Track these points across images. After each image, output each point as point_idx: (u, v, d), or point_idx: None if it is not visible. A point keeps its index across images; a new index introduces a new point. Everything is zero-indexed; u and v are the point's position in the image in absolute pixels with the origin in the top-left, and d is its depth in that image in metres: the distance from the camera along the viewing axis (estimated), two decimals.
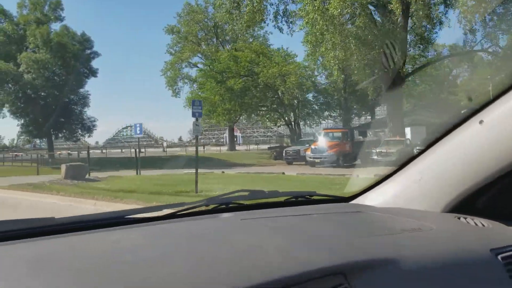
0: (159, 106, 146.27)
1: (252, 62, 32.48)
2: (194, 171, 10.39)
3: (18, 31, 31.64)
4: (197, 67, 45.15)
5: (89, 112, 36.34)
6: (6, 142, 68.10)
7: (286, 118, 35.25)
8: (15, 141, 68.91)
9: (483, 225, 1.27)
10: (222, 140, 77.98)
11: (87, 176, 15.28)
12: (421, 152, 1.41)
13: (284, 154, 26.61)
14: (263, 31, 38.07)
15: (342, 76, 24.62)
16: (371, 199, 1.60)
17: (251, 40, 42.45)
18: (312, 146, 23.05)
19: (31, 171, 22.26)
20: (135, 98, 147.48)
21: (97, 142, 77.15)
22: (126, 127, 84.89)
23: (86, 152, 30.57)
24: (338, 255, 1.00)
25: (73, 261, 0.93)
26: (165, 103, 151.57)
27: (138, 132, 18.77)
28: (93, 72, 33.75)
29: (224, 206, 1.49)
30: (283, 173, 16.19)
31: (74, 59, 31.30)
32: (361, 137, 26.31)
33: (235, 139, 72.05)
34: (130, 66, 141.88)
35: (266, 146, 44.86)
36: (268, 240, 1.09)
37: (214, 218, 1.38)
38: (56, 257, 0.95)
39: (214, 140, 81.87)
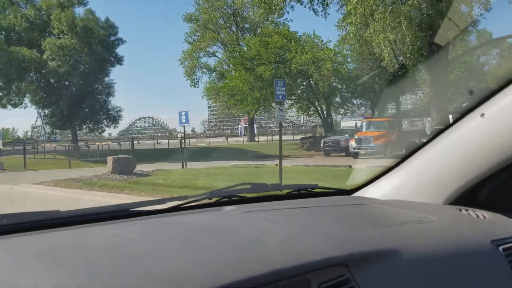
0: (170, 98, 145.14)
1: (282, 48, 31.07)
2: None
3: (41, 17, 30.02)
4: (216, 56, 44.83)
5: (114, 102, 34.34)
6: (20, 134, 66.88)
7: (318, 107, 33.83)
8: (29, 133, 68.08)
9: (484, 217, 1.27)
10: (237, 131, 77.07)
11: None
12: (423, 145, 1.38)
13: (322, 145, 25.47)
14: (282, 18, 36.69)
15: (395, 60, 23.16)
16: (373, 192, 1.60)
17: (272, 27, 40.90)
18: (356, 137, 21.73)
19: (61, 164, 21.07)
20: (145, 90, 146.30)
21: (109, 134, 76.28)
22: (140, 119, 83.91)
23: (102, 144, 30.14)
24: (340, 247, 1.00)
25: (76, 253, 0.94)
26: (175, 95, 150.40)
27: (184, 121, 17.28)
28: (119, 60, 31.95)
29: (227, 199, 1.49)
30: (350, 166, 14.71)
31: (100, 45, 29.60)
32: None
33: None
34: (139, 57, 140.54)
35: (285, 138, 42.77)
36: (269, 232, 1.09)
37: (217, 211, 1.38)
38: (59, 250, 0.96)
39: (229, 131, 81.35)
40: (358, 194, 1.70)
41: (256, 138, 54.19)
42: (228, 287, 0.80)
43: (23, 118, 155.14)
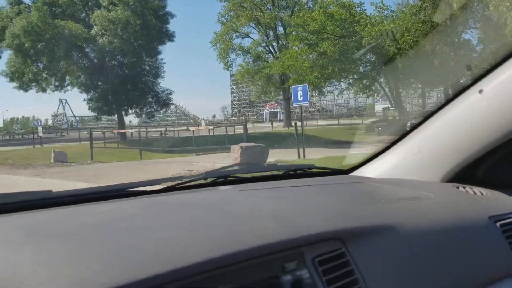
0: (189, 83, 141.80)
1: (345, 20, 27.90)
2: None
3: None
4: (250, 37, 42.45)
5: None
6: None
7: (387, 87, 30.65)
8: (49, 121, 65.13)
9: (481, 193, 1.28)
10: (262, 116, 74.55)
11: None
12: (421, 123, 1.38)
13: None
14: None
15: None
16: (370, 171, 1.60)
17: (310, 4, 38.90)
18: None
19: (126, 155, 18.11)
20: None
21: (130, 121, 73.57)
22: None
23: (146, 131, 27.20)
24: (335, 221, 1.00)
25: (66, 229, 0.92)
26: (195, 80, 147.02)
27: (301, 98, 13.59)
28: (169, 36, 28.12)
29: (222, 179, 1.47)
30: None
31: (155, 17, 25.86)
32: None
33: (276, 116, 68.47)
34: None
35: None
36: (263, 207, 1.09)
37: (212, 190, 1.38)
38: (48, 227, 0.95)
39: (254, 117, 78.59)
40: (355, 173, 1.68)
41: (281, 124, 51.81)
42: (220, 259, 0.79)
43: (42, 106, 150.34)
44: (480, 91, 1.18)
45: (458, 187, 1.32)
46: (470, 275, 1.00)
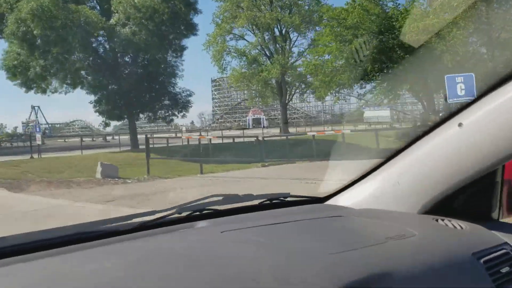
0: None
1: (378, 16, 25.86)
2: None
3: None
4: (244, 39, 40.98)
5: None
6: (8, 130, 57.82)
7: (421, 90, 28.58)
8: (18, 129, 58.89)
9: (461, 227, 1.28)
10: (244, 123, 71.97)
11: None
12: (399, 152, 1.38)
13: None
14: None
15: None
16: (347, 200, 1.57)
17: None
18: None
19: (174, 167, 14.62)
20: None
21: (104, 128, 68.54)
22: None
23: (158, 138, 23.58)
24: (335, 274, 0.97)
25: None
26: None
27: (463, 92, 10.51)
28: (192, 28, 24.08)
29: (198, 213, 1.41)
30: None
31: (184, 5, 21.93)
32: None
33: (259, 123, 66.32)
34: None
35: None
36: (258, 263, 1.02)
37: (190, 229, 1.30)
38: None
39: (236, 124, 75.39)
40: (331, 202, 1.64)
41: (274, 130, 50.05)
42: None
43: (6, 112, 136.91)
44: (460, 124, 1.20)
45: (437, 220, 1.32)
46: None
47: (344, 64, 26.23)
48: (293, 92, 46.30)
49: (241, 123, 72.70)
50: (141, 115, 25.95)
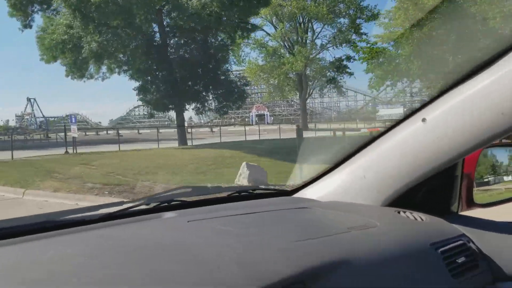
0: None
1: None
2: None
3: None
4: (263, 30, 39.36)
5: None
6: None
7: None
8: (11, 123, 54.21)
9: (421, 219, 1.32)
10: (248, 119, 69.37)
11: None
12: (366, 145, 1.41)
13: None
14: None
15: None
16: (314, 193, 1.59)
17: None
18: None
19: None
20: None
21: (99, 123, 64.98)
22: (138, 106, 72.66)
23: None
24: (295, 262, 0.99)
25: None
26: None
27: None
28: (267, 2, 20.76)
29: (166, 204, 1.41)
30: None
31: None
32: None
33: (263, 119, 64.28)
34: None
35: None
36: (223, 249, 1.03)
37: (157, 219, 1.29)
38: None
39: (240, 119, 72.92)
40: (299, 195, 1.66)
41: (285, 126, 47.66)
42: None
43: None
44: (423, 119, 1.23)
45: (399, 212, 1.35)
46: None
47: (414, 51, 23.43)
48: (312, 87, 44.33)
49: (246, 119, 70.25)
50: (188, 106, 22.43)
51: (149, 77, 20.24)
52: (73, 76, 19.43)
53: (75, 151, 17.76)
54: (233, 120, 71.22)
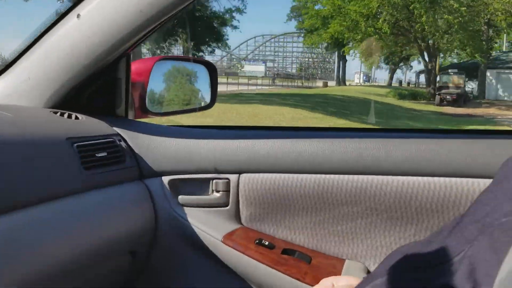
0: None
1: None
2: None
3: None
4: None
5: None
6: None
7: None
8: None
9: (77, 118, 1.29)
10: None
11: None
12: (30, 46, 1.33)
13: None
14: None
15: None
16: None
17: None
18: None
19: None
20: None
21: None
22: None
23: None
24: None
25: None
26: None
27: None
28: None
29: None
30: None
31: None
32: None
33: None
34: None
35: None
36: None
37: None
38: None
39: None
40: None
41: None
42: None
43: None
44: (78, 15, 1.21)
45: (56, 113, 1.30)
46: (38, 188, 1.00)
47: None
48: None
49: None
50: None
51: None
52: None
53: None
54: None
